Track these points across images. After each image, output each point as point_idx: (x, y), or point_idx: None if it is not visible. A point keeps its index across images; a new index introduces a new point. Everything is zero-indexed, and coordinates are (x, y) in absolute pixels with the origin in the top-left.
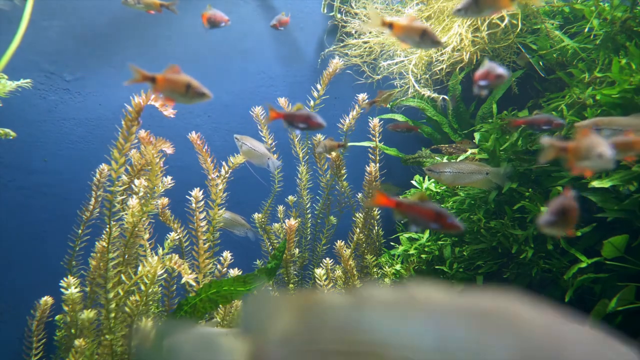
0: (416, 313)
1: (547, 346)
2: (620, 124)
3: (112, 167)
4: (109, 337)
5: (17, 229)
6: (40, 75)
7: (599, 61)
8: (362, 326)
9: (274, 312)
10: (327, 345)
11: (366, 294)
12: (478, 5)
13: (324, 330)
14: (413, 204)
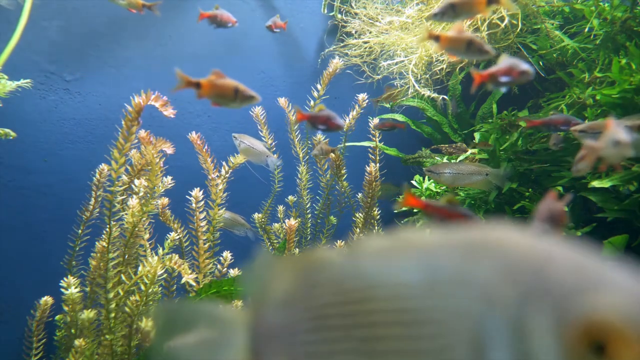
0: (406, 253)
1: (530, 260)
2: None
3: (112, 167)
4: (109, 337)
5: (17, 229)
6: (40, 75)
7: (599, 61)
8: (355, 274)
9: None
10: (325, 300)
11: (360, 244)
12: (455, 10)
13: (321, 287)
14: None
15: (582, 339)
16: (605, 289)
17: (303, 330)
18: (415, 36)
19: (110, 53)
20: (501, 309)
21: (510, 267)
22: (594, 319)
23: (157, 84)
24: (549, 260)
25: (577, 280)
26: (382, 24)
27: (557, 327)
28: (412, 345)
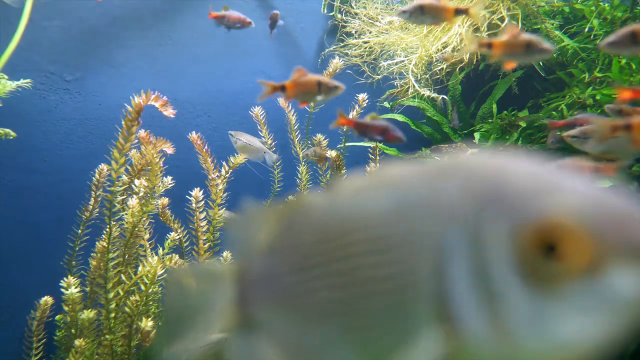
0: (379, 185)
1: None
2: None
3: (112, 167)
4: (109, 337)
5: (17, 229)
6: (40, 75)
7: (599, 61)
8: (332, 213)
9: (258, 225)
10: (305, 242)
11: (338, 185)
12: (423, 13)
13: (302, 230)
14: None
15: (533, 241)
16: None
17: (286, 274)
18: (416, 36)
19: (110, 53)
20: (460, 223)
21: (469, 182)
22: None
23: (158, 84)
24: (505, 171)
25: (530, 186)
26: (382, 24)
27: (510, 232)
28: (384, 271)
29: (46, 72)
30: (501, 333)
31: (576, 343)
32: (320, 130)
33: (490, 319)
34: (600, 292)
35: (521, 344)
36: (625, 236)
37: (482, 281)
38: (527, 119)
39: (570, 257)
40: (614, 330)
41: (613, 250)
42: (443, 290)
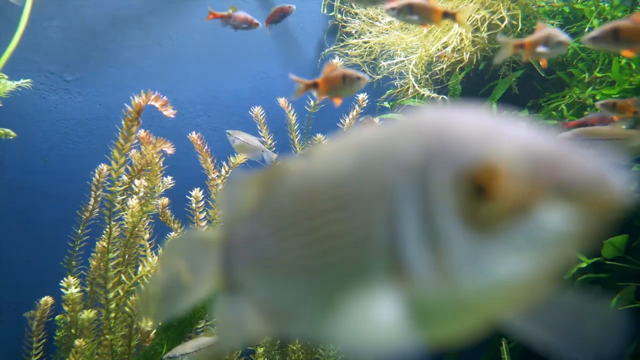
0: (345, 147)
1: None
2: (602, 134)
3: (112, 167)
4: (109, 337)
5: (17, 229)
6: (40, 75)
7: (599, 61)
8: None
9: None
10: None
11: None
12: (411, 11)
13: (280, 195)
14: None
15: (469, 185)
16: (492, 139)
17: (264, 237)
18: (416, 36)
19: (110, 53)
20: (410, 174)
21: (419, 135)
22: (476, 164)
23: (158, 84)
24: (453, 123)
25: (472, 134)
26: (382, 24)
27: (451, 178)
28: (345, 226)
29: (46, 72)
30: (445, 276)
31: (512, 281)
32: (320, 130)
33: (436, 264)
34: (532, 230)
35: (463, 286)
36: (553, 175)
37: (428, 227)
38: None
39: (502, 197)
40: (546, 266)
41: (541, 189)
42: (395, 240)
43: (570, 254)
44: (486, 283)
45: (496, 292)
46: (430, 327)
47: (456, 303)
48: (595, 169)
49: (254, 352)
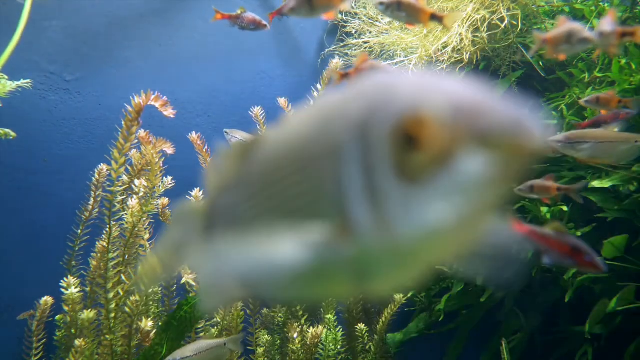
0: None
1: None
2: (593, 137)
3: (112, 167)
4: (109, 337)
5: (17, 229)
6: (40, 75)
7: (599, 61)
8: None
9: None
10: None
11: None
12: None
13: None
14: (547, 235)
15: (399, 136)
16: (423, 93)
17: (239, 204)
18: (415, 36)
19: (110, 53)
20: (356, 131)
21: (367, 95)
22: (406, 115)
23: (158, 84)
24: (395, 82)
25: (408, 91)
26: (382, 24)
27: (386, 131)
28: (304, 187)
29: (46, 72)
30: (383, 227)
31: (442, 226)
32: None
33: (375, 216)
34: (456, 177)
35: (399, 235)
36: (473, 124)
37: (368, 181)
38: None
39: (429, 146)
40: (471, 211)
41: (463, 137)
42: (342, 196)
43: (492, 199)
44: (419, 230)
45: (429, 239)
46: (375, 277)
47: (395, 252)
48: (513, 116)
49: (254, 352)
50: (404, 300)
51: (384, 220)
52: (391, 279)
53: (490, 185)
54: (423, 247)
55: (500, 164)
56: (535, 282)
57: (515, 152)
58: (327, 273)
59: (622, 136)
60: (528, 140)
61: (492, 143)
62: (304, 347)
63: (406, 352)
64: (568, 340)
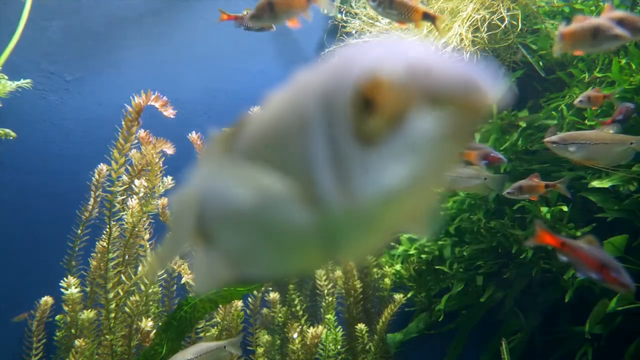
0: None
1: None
2: (588, 138)
3: (112, 167)
4: (109, 337)
5: (17, 229)
6: (40, 75)
7: (599, 61)
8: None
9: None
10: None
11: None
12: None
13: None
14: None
15: (356, 101)
16: (382, 56)
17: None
18: (416, 36)
19: (110, 53)
20: (321, 101)
21: (336, 66)
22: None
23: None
24: (358, 50)
25: (368, 57)
26: (382, 24)
27: (347, 96)
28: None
29: (46, 72)
30: (346, 192)
31: (400, 188)
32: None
33: (338, 181)
34: (409, 138)
35: (360, 200)
36: (425, 83)
37: (332, 148)
38: (527, 119)
39: (384, 108)
40: (428, 171)
41: (415, 97)
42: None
43: (448, 158)
44: (379, 193)
45: (388, 201)
46: (342, 243)
47: (358, 217)
48: (463, 74)
49: (254, 352)
50: (404, 300)
51: (346, 186)
52: (357, 245)
53: (445, 144)
54: (384, 210)
55: (453, 121)
56: (535, 282)
57: (467, 109)
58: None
59: (617, 138)
60: (479, 97)
61: (444, 100)
62: (304, 347)
63: (406, 352)
64: (568, 340)
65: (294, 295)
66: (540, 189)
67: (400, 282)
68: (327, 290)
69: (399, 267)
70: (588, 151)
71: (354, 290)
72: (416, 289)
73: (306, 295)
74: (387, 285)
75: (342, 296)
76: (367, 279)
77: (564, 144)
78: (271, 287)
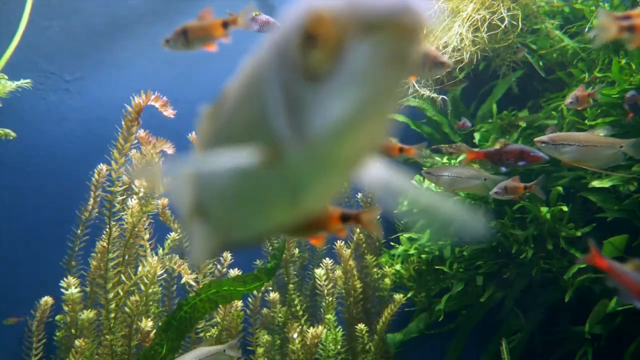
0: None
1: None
2: (577, 140)
3: (112, 167)
4: (109, 337)
5: (17, 229)
6: (40, 75)
7: (599, 61)
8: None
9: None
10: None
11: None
12: None
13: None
14: (623, 273)
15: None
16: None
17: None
18: None
19: (110, 53)
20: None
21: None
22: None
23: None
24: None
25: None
26: None
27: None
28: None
29: (46, 72)
30: (301, 133)
31: (346, 119)
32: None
33: (293, 123)
34: (350, 68)
35: (314, 138)
36: (358, 12)
37: (286, 93)
38: (527, 119)
39: (324, 41)
40: (371, 98)
41: (350, 27)
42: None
43: (390, 85)
44: (329, 128)
45: (339, 134)
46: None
47: (316, 157)
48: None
49: (254, 352)
50: (404, 300)
51: (300, 125)
52: (320, 189)
53: (384, 70)
54: (336, 144)
55: (389, 46)
56: (535, 282)
57: (400, 31)
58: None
59: (607, 141)
60: (409, 18)
61: (377, 26)
62: (304, 347)
63: (406, 352)
64: (568, 340)
65: (294, 295)
66: (520, 190)
67: (400, 282)
68: (327, 290)
69: (399, 267)
70: (577, 153)
71: (354, 290)
72: (416, 289)
73: (306, 295)
74: (387, 285)
75: (342, 296)
76: (367, 279)
77: (554, 144)
78: (271, 287)
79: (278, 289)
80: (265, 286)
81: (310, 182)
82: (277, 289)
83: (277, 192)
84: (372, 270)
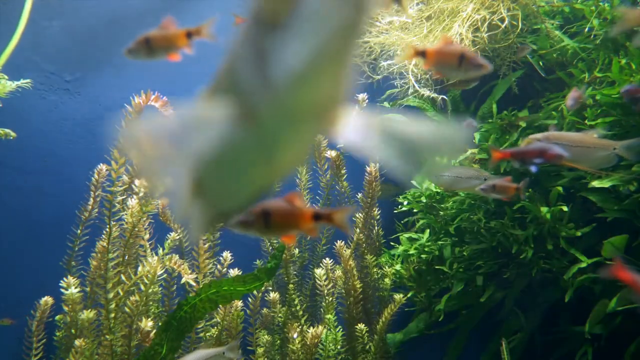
0: None
1: None
2: (570, 140)
3: (112, 167)
4: (109, 337)
5: (17, 229)
6: (40, 75)
7: (599, 61)
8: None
9: None
10: None
11: None
12: None
13: None
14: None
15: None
16: None
17: None
18: (416, 36)
19: (110, 53)
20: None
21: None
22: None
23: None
24: None
25: None
26: (382, 23)
27: None
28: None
29: (46, 72)
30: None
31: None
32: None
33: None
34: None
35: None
36: None
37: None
38: (527, 119)
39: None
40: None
41: None
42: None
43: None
44: (290, 73)
45: (300, 80)
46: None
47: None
48: None
49: (254, 352)
50: (404, 300)
51: (266, 76)
52: (292, 144)
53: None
54: (298, 91)
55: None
56: (535, 282)
57: None
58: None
59: (600, 142)
60: None
61: None
62: (304, 347)
63: (406, 352)
64: (568, 340)
65: (294, 295)
66: (511, 190)
67: (400, 282)
68: (327, 290)
69: (399, 267)
70: (569, 153)
71: (354, 290)
72: (416, 289)
73: (306, 295)
74: (387, 285)
75: (342, 296)
76: (367, 279)
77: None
78: (271, 287)
79: (278, 289)
80: (265, 286)
81: (282, 136)
82: (277, 289)
83: (254, 152)
84: (372, 270)
